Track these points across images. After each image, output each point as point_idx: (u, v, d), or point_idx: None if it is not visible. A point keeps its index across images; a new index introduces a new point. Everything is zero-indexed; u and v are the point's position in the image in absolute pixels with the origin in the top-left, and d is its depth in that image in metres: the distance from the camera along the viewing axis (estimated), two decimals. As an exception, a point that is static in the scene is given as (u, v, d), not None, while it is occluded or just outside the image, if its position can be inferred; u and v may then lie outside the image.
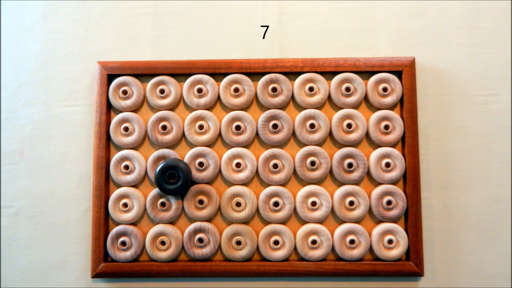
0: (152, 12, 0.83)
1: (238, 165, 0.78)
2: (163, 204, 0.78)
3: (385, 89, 0.79)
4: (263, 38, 0.75)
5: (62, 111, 0.82)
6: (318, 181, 0.79)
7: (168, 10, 0.83)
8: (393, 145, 0.79)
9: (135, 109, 0.81)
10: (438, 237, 0.79)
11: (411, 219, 0.77)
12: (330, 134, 0.80)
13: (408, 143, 0.78)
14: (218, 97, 0.80)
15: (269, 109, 0.79)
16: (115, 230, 0.78)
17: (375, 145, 0.79)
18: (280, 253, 0.77)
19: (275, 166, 0.78)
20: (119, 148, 0.80)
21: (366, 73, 0.80)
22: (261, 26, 0.78)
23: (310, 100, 0.79)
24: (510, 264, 0.78)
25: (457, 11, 0.82)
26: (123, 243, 0.78)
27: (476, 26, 0.82)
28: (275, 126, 0.78)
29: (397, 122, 0.78)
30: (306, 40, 0.82)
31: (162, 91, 0.80)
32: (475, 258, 0.79)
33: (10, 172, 0.82)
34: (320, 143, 0.79)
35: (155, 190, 0.79)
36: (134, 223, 0.79)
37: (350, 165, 0.77)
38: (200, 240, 0.77)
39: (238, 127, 0.78)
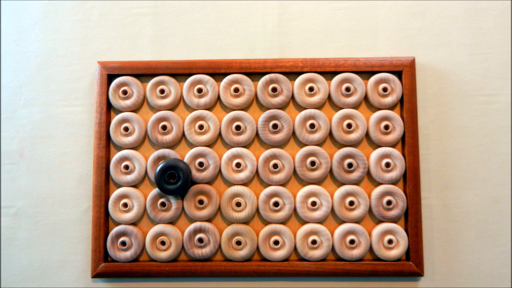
0: (152, 12, 0.83)
1: (238, 165, 0.78)
2: (163, 204, 0.78)
3: (385, 89, 0.79)
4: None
5: (62, 111, 0.82)
6: (318, 181, 0.79)
7: (168, 10, 0.83)
8: (393, 145, 0.79)
9: (135, 109, 0.81)
10: (438, 237, 0.79)
11: (411, 219, 0.77)
12: (330, 134, 0.80)
13: (408, 143, 0.78)
14: (218, 97, 0.80)
15: (269, 109, 0.79)
16: (115, 230, 0.78)
17: (375, 145, 0.79)
18: (280, 253, 0.77)
19: (275, 166, 0.78)
20: (119, 148, 0.80)
21: (366, 73, 0.80)
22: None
23: (310, 100, 0.79)
24: (510, 264, 0.78)
25: (457, 11, 0.82)
26: (123, 243, 0.78)
27: (476, 26, 0.82)
28: (275, 126, 0.78)
29: (397, 122, 0.78)
30: (306, 40, 0.82)
31: (162, 91, 0.80)
32: (475, 258, 0.79)
33: (10, 172, 0.82)
34: (320, 143, 0.79)
35: (155, 190, 0.79)
36: (134, 223, 0.79)
37: (350, 165, 0.77)
38: (200, 240, 0.77)
39: (238, 127, 0.78)
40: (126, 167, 0.79)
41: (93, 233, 0.78)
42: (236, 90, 0.79)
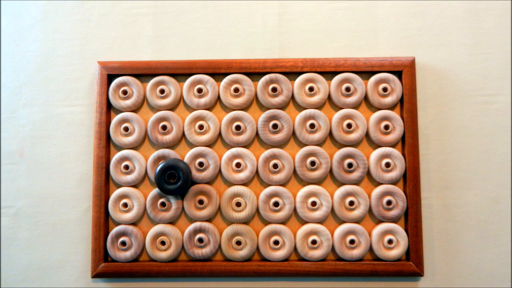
0: (152, 12, 0.83)
1: (238, 165, 0.78)
2: (163, 204, 0.78)
3: (385, 89, 0.79)
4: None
5: (62, 111, 0.82)
6: (318, 181, 0.79)
7: (168, 10, 0.83)
8: (393, 145, 0.79)
9: (135, 109, 0.81)
10: (438, 237, 0.79)
11: (411, 219, 0.77)
12: (330, 134, 0.80)
13: (408, 143, 0.78)
14: (218, 97, 0.80)
15: (269, 109, 0.79)
16: (115, 230, 0.78)
17: (375, 145, 0.79)
18: (280, 253, 0.77)
19: (275, 166, 0.78)
20: (119, 148, 0.80)
21: (366, 73, 0.80)
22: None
23: (310, 100, 0.79)
24: (510, 264, 0.78)
25: (457, 11, 0.82)
26: (123, 243, 0.78)
27: (476, 26, 0.82)
28: (275, 126, 0.78)
29: (397, 122, 0.78)
30: (306, 40, 0.82)
31: (162, 91, 0.80)
32: (475, 258, 0.79)
33: (10, 172, 0.82)
34: (320, 143, 0.79)
35: (155, 190, 0.79)
36: (134, 223, 0.79)
37: (350, 165, 0.77)
38: (200, 240, 0.77)
39: (238, 127, 0.78)
40: (126, 167, 0.79)
41: (93, 233, 0.78)
42: (236, 90, 0.79)
